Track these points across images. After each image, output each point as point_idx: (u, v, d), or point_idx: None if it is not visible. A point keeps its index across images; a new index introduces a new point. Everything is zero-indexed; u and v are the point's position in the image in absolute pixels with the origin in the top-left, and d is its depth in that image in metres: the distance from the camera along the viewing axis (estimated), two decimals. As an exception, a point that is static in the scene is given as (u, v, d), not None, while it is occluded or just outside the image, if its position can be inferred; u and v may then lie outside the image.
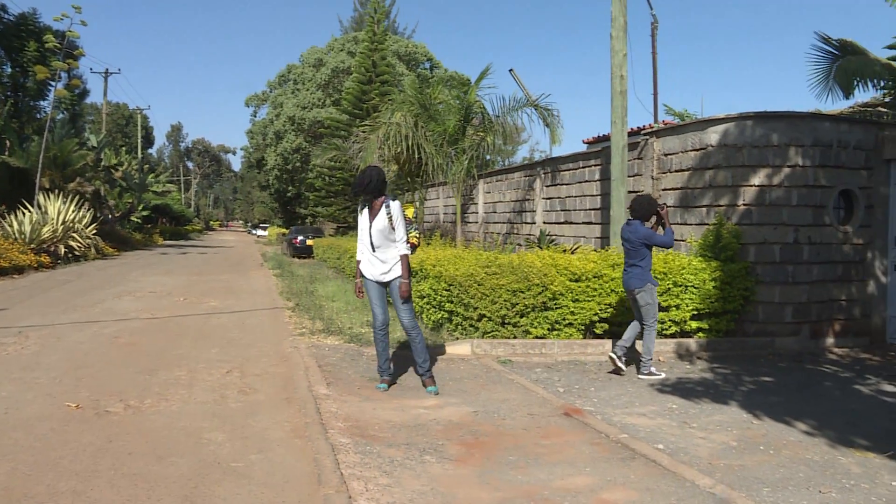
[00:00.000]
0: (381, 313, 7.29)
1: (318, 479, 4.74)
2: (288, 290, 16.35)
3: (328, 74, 43.12)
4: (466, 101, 16.31)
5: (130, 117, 78.89)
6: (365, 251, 7.28)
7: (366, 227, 7.21)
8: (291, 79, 47.21)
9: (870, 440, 6.02)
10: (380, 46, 32.83)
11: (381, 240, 7.16)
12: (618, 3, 11.62)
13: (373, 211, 7.20)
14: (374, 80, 32.20)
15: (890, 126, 11.60)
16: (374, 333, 7.40)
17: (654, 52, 19.08)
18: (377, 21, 33.62)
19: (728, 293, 10.06)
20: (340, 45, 45.21)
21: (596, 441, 5.80)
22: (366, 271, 7.30)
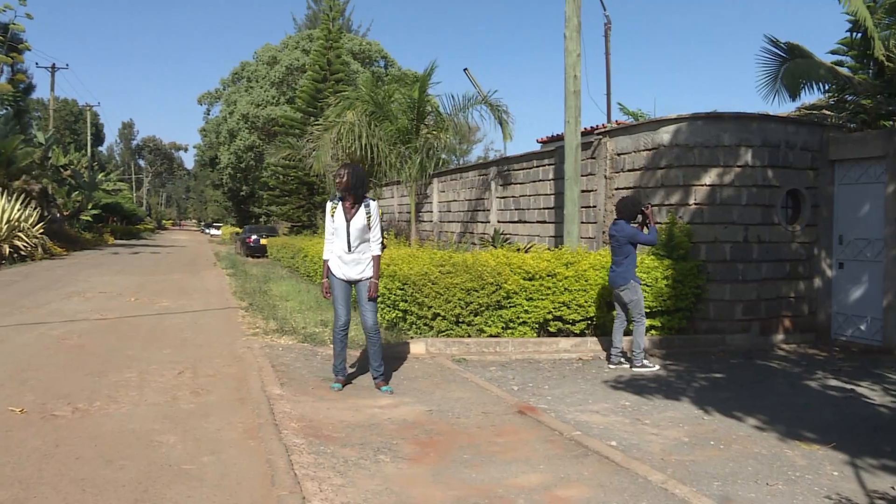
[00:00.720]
0: (344, 314, 7.26)
1: (271, 481, 4.68)
2: (241, 290, 16.17)
3: (282, 72, 42.72)
4: (419, 99, 16.29)
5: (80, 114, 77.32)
6: (339, 250, 7.19)
7: (343, 226, 7.12)
8: (245, 76, 46.69)
9: (815, 433, 6.17)
10: (334, 44, 32.60)
11: (359, 239, 7.13)
12: (572, 3, 11.70)
13: (350, 210, 7.15)
14: (328, 78, 31.97)
15: (834, 128, 11.87)
16: (335, 333, 7.35)
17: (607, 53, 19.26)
18: (332, 19, 33.38)
19: (680, 291, 10.20)
20: (295, 43, 44.83)
21: (550, 438, 5.82)
22: (337, 271, 7.23)
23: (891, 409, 7.13)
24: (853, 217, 10.89)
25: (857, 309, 10.83)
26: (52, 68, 48.94)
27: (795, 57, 13.35)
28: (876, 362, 9.50)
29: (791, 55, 13.42)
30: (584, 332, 9.97)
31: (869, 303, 10.63)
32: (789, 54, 13.46)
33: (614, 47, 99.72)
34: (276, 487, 4.55)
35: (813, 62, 13.32)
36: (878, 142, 10.53)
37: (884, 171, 10.41)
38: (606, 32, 19.13)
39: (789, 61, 13.30)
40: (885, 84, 13.50)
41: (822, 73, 13.27)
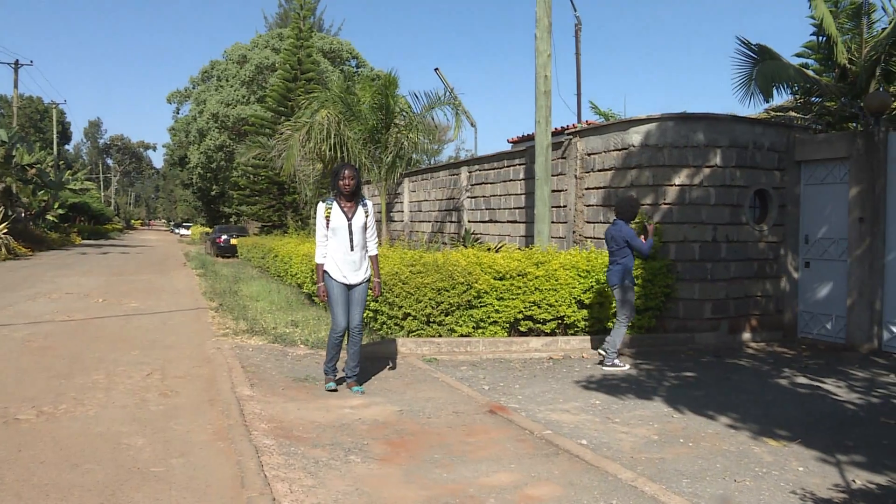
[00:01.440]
0: (343, 318, 7.18)
1: (241, 482, 4.64)
2: (211, 290, 16.04)
3: (252, 71, 42.46)
4: (388, 99, 16.26)
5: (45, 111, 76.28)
6: (339, 251, 7.11)
7: (344, 226, 7.05)
8: (215, 75, 46.35)
9: (782, 429, 6.25)
10: (305, 43, 32.45)
11: (361, 238, 7.12)
12: (542, 4, 11.73)
13: (350, 209, 7.11)
14: (299, 77, 31.82)
15: (800, 129, 12.02)
16: (332, 338, 7.24)
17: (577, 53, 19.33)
18: (302, 17, 33.22)
19: (650, 290, 10.27)
20: (265, 42, 44.58)
21: (520, 438, 5.83)
22: (336, 273, 7.13)
23: (855, 404, 7.23)
24: (819, 217, 11.04)
25: (822, 307, 10.98)
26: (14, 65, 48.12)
27: (766, 58, 13.55)
28: (841, 360, 9.64)
29: (762, 57, 13.61)
30: (555, 331, 10.01)
31: (834, 301, 10.78)
32: (760, 56, 13.66)
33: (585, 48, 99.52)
34: (246, 489, 4.52)
35: (782, 63, 13.54)
36: (842, 143, 10.68)
37: (847, 171, 10.57)
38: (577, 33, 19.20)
39: (761, 63, 13.49)
40: (848, 87, 13.72)
41: (792, 73, 13.48)
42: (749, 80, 13.76)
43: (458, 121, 16.39)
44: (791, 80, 13.73)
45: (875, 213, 10.20)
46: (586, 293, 9.97)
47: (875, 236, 10.19)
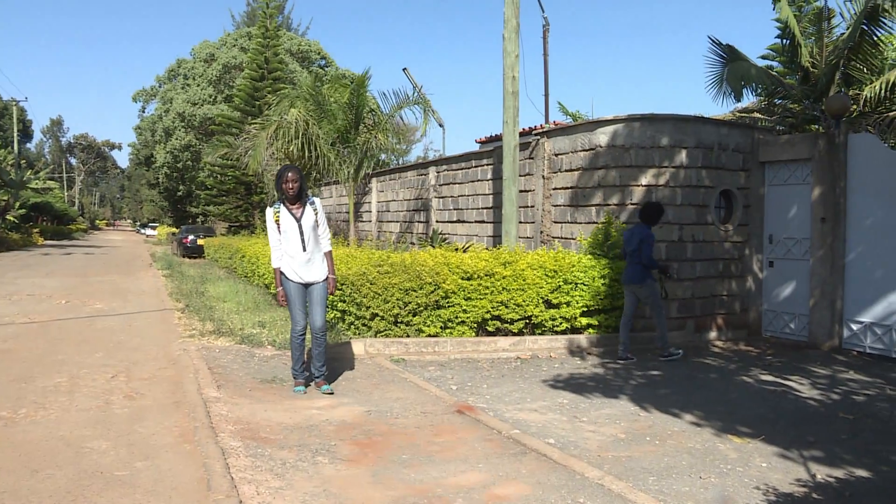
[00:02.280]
0: (302, 318, 7.21)
1: (207, 485, 4.59)
2: (178, 291, 15.87)
3: (220, 70, 42.13)
4: (357, 99, 16.24)
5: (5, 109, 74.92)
6: (293, 253, 7.09)
7: (294, 228, 7.05)
8: (181, 73, 45.92)
9: (747, 426, 6.34)
10: (272, 43, 32.30)
11: (312, 237, 7.11)
12: (511, 4, 11.76)
13: (297, 210, 7.10)
14: (266, 76, 31.66)
15: (765, 131, 12.18)
16: (293, 339, 7.25)
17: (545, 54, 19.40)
18: (269, 16, 33.07)
19: (617, 290, 10.33)
20: (233, 41, 44.26)
21: (488, 437, 5.85)
22: (293, 275, 7.13)
23: (816, 401, 7.35)
24: (782, 217, 11.19)
25: (786, 306, 11.13)
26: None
27: (735, 59, 13.79)
28: (804, 357, 9.78)
29: (731, 57, 13.84)
30: (523, 331, 10.04)
31: (797, 300, 10.94)
32: (729, 56, 13.87)
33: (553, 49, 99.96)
34: (213, 492, 4.48)
35: (749, 64, 13.77)
36: (804, 145, 10.83)
37: (810, 172, 10.72)
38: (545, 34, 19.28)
39: (730, 63, 13.72)
40: (810, 89, 13.93)
41: (759, 74, 13.71)
42: (721, 79, 13.98)
43: (426, 120, 16.42)
44: (758, 81, 13.95)
45: (836, 213, 10.36)
46: (554, 293, 10.01)
47: (836, 236, 10.35)
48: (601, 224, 10.76)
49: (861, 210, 10.18)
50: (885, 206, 9.87)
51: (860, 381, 8.34)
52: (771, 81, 14.17)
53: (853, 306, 10.25)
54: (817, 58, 14.22)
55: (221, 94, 41.87)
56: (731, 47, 13.99)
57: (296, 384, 7.28)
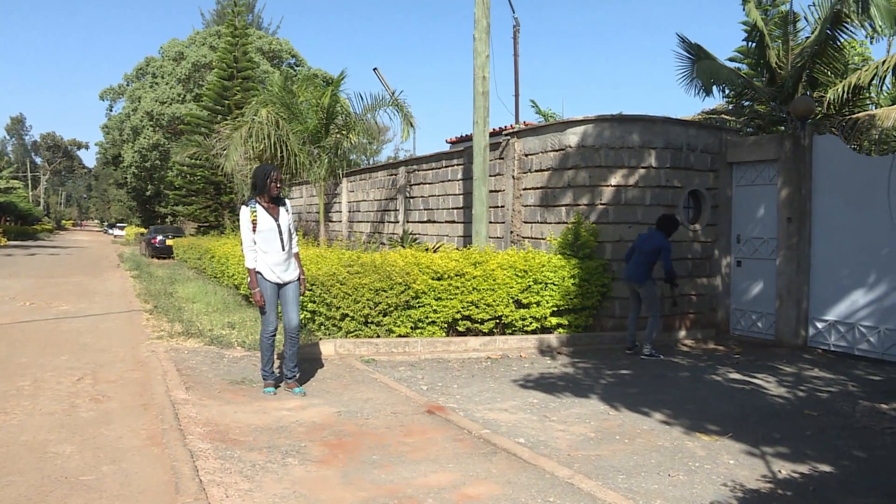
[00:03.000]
0: (275, 319, 7.18)
1: (175, 488, 4.54)
2: (146, 292, 15.71)
3: (189, 69, 41.74)
4: (329, 100, 16.18)
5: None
6: (272, 253, 7.05)
7: (273, 228, 7.02)
8: (150, 72, 45.40)
9: (715, 424, 6.41)
10: (242, 41, 32.04)
11: (289, 238, 7.13)
12: (481, 5, 11.79)
13: (274, 211, 7.08)
14: (236, 76, 31.42)
15: (732, 132, 12.32)
16: (264, 339, 7.20)
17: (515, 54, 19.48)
18: (238, 14, 32.81)
19: (586, 290, 10.40)
20: (202, 39, 43.85)
21: (458, 437, 5.85)
22: (270, 275, 7.08)
23: (782, 398, 7.45)
24: (750, 217, 11.32)
25: (753, 305, 11.26)
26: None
27: (703, 57, 13.96)
28: (771, 355, 9.90)
29: (699, 55, 14.02)
30: (493, 331, 10.06)
31: (764, 299, 11.07)
32: (697, 54, 14.05)
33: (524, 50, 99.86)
34: (181, 495, 4.44)
35: (718, 63, 13.96)
36: (771, 145, 10.97)
37: (776, 173, 10.86)
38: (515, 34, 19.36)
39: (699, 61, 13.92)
40: (777, 91, 14.13)
41: (727, 74, 13.89)
42: (691, 75, 14.16)
43: (405, 124, 16.33)
44: (727, 81, 14.14)
45: (802, 213, 10.50)
46: (524, 293, 10.05)
47: (802, 236, 10.49)
48: (571, 224, 10.81)
49: (826, 210, 10.33)
50: (849, 207, 10.02)
51: (824, 379, 8.47)
52: (739, 82, 14.35)
53: (818, 305, 10.40)
54: (783, 60, 14.43)
55: (191, 93, 41.48)
56: (700, 46, 14.18)
57: (265, 385, 7.23)
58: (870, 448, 5.84)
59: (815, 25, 13.98)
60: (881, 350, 9.60)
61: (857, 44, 16.02)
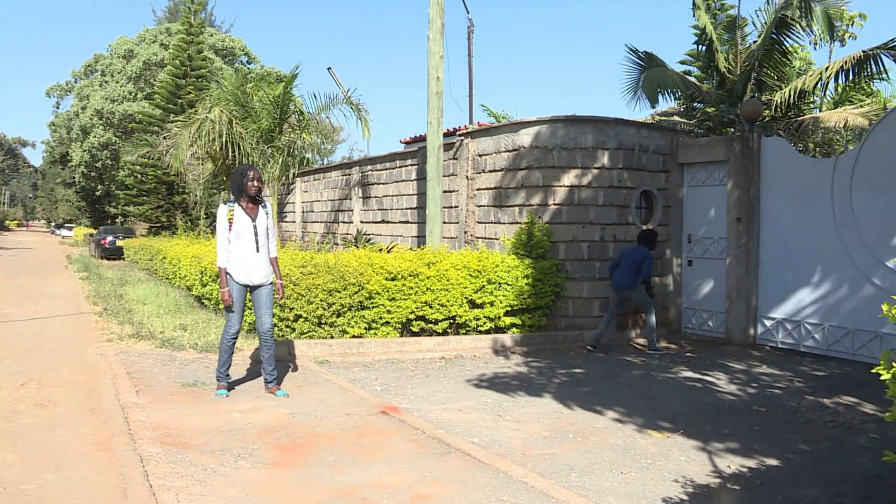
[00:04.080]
0: (238, 322, 7.10)
1: (124, 494, 4.44)
2: (95, 294, 15.41)
3: (140, 67, 41.06)
4: (283, 98, 16.06)
5: None
6: (244, 253, 6.96)
7: (249, 227, 6.94)
8: (99, 69, 44.58)
9: (666, 421, 6.50)
10: (196, 39, 31.66)
11: (265, 239, 7.04)
12: (436, 5, 11.79)
13: (252, 210, 7.00)
14: (189, 74, 31.03)
15: (684, 133, 12.51)
16: (225, 341, 7.12)
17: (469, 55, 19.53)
18: (193, 12, 32.40)
19: (540, 289, 10.47)
20: (153, 37, 43.16)
21: (413, 438, 5.84)
22: (240, 276, 6.99)
23: (732, 395, 7.59)
24: (700, 217, 11.50)
25: (704, 304, 11.44)
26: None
27: (652, 65, 14.12)
28: (721, 353, 10.07)
29: (648, 63, 14.17)
30: (447, 331, 10.08)
31: (714, 298, 11.25)
32: (647, 62, 14.22)
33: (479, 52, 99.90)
34: (129, 501, 4.35)
35: (667, 70, 14.14)
36: (721, 147, 11.16)
37: (726, 174, 11.05)
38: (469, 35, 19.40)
39: (648, 69, 14.05)
40: (726, 94, 14.37)
41: (677, 80, 14.08)
42: (637, 85, 14.31)
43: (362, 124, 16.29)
44: (675, 87, 14.33)
45: (751, 213, 10.69)
46: (478, 293, 10.08)
47: (751, 236, 10.69)
48: (524, 224, 10.87)
49: (774, 210, 10.54)
50: (796, 207, 10.24)
51: (772, 375, 8.64)
52: (688, 87, 14.56)
53: (766, 303, 10.60)
54: (732, 64, 14.68)
55: (142, 92, 40.82)
56: (649, 54, 14.34)
57: (218, 387, 7.15)
58: (813, 441, 5.99)
59: (761, 30, 14.26)
60: (825, 347, 9.83)
61: (799, 49, 16.38)
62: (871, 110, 13.62)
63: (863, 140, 9.68)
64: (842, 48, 17.33)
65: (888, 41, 12.02)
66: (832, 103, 15.93)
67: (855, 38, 17.35)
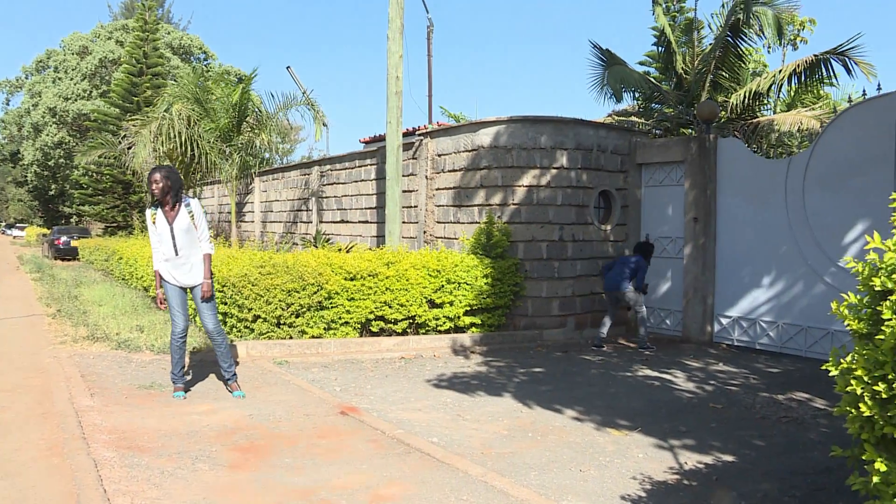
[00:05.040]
0: (182, 320, 6.99)
1: (76, 500, 4.34)
2: (48, 296, 15.10)
3: (95, 64, 40.37)
4: (242, 97, 15.92)
5: None
6: (167, 255, 6.89)
7: (166, 230, 6.84)
8: (52, 66, 43.71)
9: (625, 419, 6.55)
10: (152, 37, 31.24)
11: (185, 240, 6.89)
12: (395, 5, 11.77)
13: (170, 213, 6.88)
14: (145, 72, 30.61)
15: (641, 134, 12.63)
16: (173, 341, 7.02)
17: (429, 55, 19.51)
18: (148, 9, 31.95)
19: (499, 289, 10.50)
20: (108, 34, 42.49)
21: (372, 438, 5.82)
22: (169, 276, 6.92)
23: (689, 392, 7.68)
24: (658, 216, 11.63)
25: (662, 303, 11.56)
26: None
27: (614, 63, 14.30)
28: (678, 351, 10.20)
29: (610, 61, 14.34)
30: (406, 331, 10.07)
31: (672, 297, 11.38)
32: (608, 60, 14.38)
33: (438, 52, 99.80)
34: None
35: (629, 70, 14.31)
36: (678, 148, 11.29)
37: (683, 174, 11.19)
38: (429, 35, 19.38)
39: (610, 66, 14.24)
40: (684, 95, 14.56)
41: (637, 78, 14.26)
42: (602, 81, 14.48)
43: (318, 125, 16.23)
44: (636, 86, 14.51)
45: (707, 213, 10.84)
46: (437, 292, 10.08)
47: (708, 235, 10.83)
48: (483, 224, 10.90)
49: (730, 210, 10.70)
50: (751, 207, 10.41)
51: (728, 373, 8.77)
52: (648, 86, 14.74)
53: (723, 302, 10.76)
54: (689, 65, 14.88)
55: (97, 90, 40.15)
56: (610, 52, 14.51)
57: (175, 389, 7.06)
58: (767, 436, 6.10)
59: (717, 33, 14.49)
60: (780, 344, 10.00)
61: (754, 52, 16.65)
62: (822, 113, 13.89)
63: (814, 142, 9.87)
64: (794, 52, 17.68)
65: (837, 46, 12.31)
66: (785, 105, 16.23)
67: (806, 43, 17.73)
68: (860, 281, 3.19)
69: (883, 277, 3.01)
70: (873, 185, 8.99)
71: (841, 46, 12.22)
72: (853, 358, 3.07)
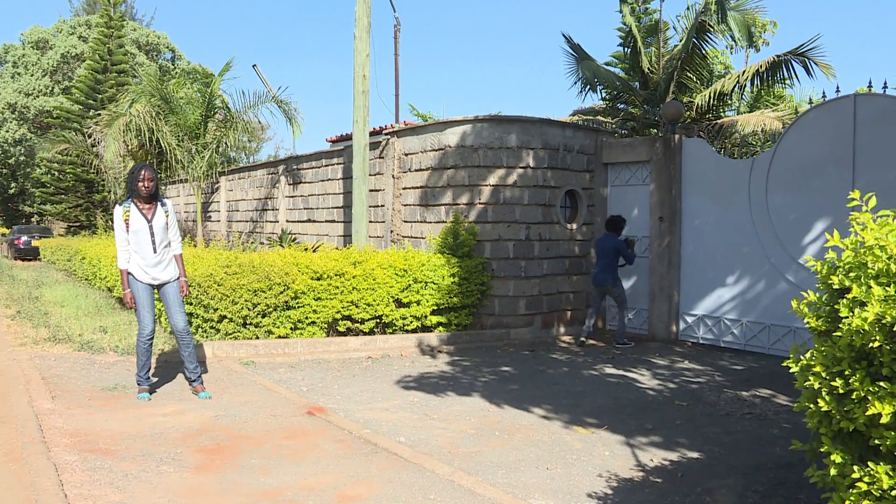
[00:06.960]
0: (151, 321, 6.92)
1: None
2: (8, 297, 14.83)
3: (57, 60, 39.67)
4: (209, 95, 15.77)
5: None
6: (142, 254, 6.82)
7: (145, 228, 6.78)
8: (10, 61, 42.82)
9: (592, 417, 6.61)
10: (116, 33, 30.76)
11: (163, 239, 6.88)
12: (362, 3, 11.73)
13: (148, 211, 6.84)
14: (110, 68, 30.15)
15: (607, 133, 12.72)
16: (140, 343, 6.93)
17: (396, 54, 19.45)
18: (113, 4, 31.47)
19: (466, 288, 10.52)
20: (70, 29, 41.77)
21: (339, 438, 5.80)
22: (141, 275, 6.84)
23: (655, 390, 7.76)
24: (624, 216, 11.68)
25: (628, 301, 11.63)
26: None
27: (584, 58, 14.44)
28: (645, 349, 10.29)
29: (580, 56, 14.50)
30: (374, 330, 10.05)
31: (638, 295, 11.47)
32: (579, 55, 14.54)
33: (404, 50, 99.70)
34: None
35: (597, 65, 14.48)
36: (643, 147, 11.38)
37: (649, 174, 11.28)
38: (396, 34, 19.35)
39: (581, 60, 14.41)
40: (650, 95, 14.70)
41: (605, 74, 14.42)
42: (577, 73, 14.64)
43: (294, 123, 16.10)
44: (606, 81, 14.68)
45: (672, 213, 10.94)
46: (404, 292, 10.07)
47: (673, 234, 10.94)
48: (450, 223, 10.90)
49: (694, 210, 10.81)
50: (715, 207, 10.53)
51: (693, 370, 8.87)
52: (618, 82, 14.88)
53: (688, 300, 10.87)
54: (655, 66, 15.03)
55: (59, 86, 39.47)
56: (581, 47, 14.68)
57: (140, 391, 6.98)
58: (732, 433, 6.18)
59: (682, 34, 14.67)
60: (743, 341, 10.13)
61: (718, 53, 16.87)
62: (785, 114, 14.12)
63: (776, 143, 10.01)
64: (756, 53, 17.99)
65: (797, 47, 12.52)
66: (748, 107, 16.46)
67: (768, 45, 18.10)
68: (819, 279, 3.25)
69: (841, 276, 3.06)
70: (833, 185, 9.14)
71: (802, 47, 12.42)
72: (812, 355, 3.12)
